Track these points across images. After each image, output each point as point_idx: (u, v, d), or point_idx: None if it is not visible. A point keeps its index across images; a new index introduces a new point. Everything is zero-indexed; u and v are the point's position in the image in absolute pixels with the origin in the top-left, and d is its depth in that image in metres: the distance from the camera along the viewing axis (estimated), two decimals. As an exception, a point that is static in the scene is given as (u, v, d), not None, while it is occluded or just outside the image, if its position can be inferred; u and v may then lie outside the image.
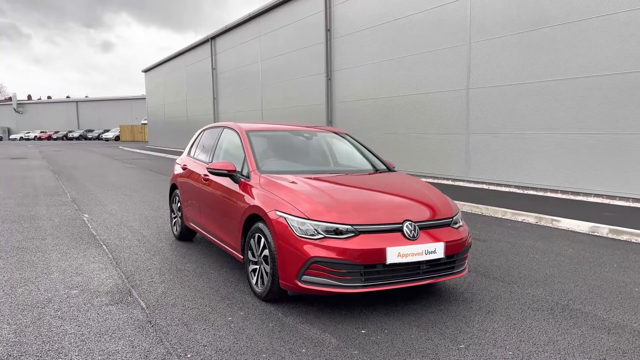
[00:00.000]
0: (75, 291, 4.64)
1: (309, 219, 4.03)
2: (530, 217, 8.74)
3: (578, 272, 5.50)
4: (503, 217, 9.09)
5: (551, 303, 4.52)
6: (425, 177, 14.32)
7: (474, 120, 12.65)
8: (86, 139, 69.34)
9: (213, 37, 28.28)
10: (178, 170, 6.84)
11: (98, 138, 67.14)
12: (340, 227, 3.98)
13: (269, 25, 22.22)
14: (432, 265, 4.25)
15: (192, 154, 6.71)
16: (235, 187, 4.98)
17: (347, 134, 6.27)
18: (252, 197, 4.61)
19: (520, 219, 8.86)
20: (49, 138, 72.95)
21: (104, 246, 6.45)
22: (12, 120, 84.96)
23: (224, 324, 3.91)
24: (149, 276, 5.15)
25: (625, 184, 9.70)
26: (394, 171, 5.66)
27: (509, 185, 11.90)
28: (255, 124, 5.95)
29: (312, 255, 3.92)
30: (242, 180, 4.93)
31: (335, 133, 6.19)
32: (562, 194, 10.77)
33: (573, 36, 10.33)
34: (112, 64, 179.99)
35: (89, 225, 7.85)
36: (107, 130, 68.53)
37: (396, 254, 3.98)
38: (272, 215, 4.23)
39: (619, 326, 3.99)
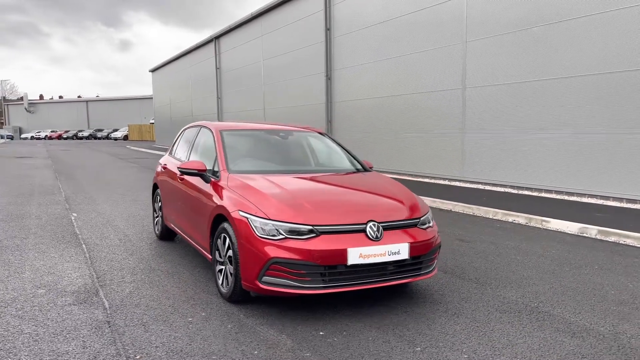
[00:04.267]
0: (42, 290, 4.65)
1: (270, 220, 3.99)
2: (520, 218, 8.64)
3: (556, 274, 5.42)
4: (493, 218, 8.99)
5: (520, 305, 4.45)
6: (422, 177, 14.23)
7: (469, 120, 12.54)
8: (95, 138, 69.89)
9: (217, 37, 28.35)
10: (159, 169, 6.84)
11: (107, 137, 67.65)
12: (301, 227, 3.94)
13: (270, 24, 22.22)
14: (398, 267, 4.20)
15: (172, 153, 6.71)
16: (206, 186, 4.97)
17: (325, 134, 6.23)
18: (220, 197, 4.59)
19: (510, 219, 8.76)
20: (60, 137, 73.61)
21: (83, 245, 6.46)
22: (24, 119, 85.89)
23: (183, 325, 3.89)
24: (120, 276, 5.15)
25: (619, 184, 9.56)
26: (370, 171, 5.61)
27: (505, 186, 11.78)
28: (231, 123, 5.93)
29: (271, 255, 3.89)
30: (212, 179, 4.92)
31: (313, 133, 6.15)
32: (556, 194, 10.64)
33: (568, 34, 10.19)
34: (128, 63, 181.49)
35: (74, 224, 7.88)
36: (116, 130, 69.02)
37: (358, 254, 3.93)
38: (235, 215, 4.20)
39: (584, 330, 3.91)
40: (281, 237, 3.93)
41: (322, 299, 4.45)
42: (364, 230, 4.06)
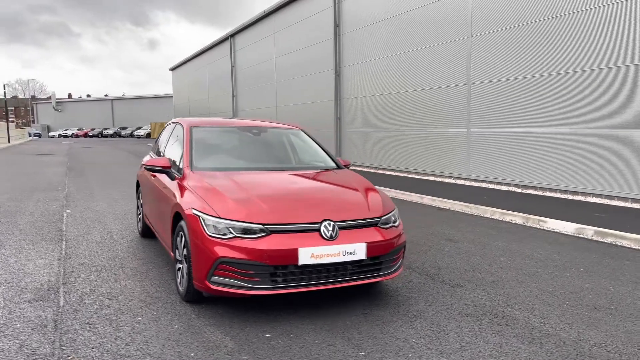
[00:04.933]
0: (3, 287, 4.65)
1: (220, 218, 3.90)
2: (517, 218, 8.38)
3: (537, 277, 5.20)
4: (491, 217, 8.75)
5: (487, 308, 4.27)
6: (428, 175, 13.98)
7: (474, 117, 12.25)
8: (120, 135, 71.05)
9: (232, 35, 28.45)
10: (141, 166, 6.82)
11: (131, 135, 68.67)
12: (251, 226, 3.84)
13: (282, 22, 22.16)
14: (356, 267, 4.06)
15: (154, 150, 6.68)
16: (170, 184, 4.90)
17: (302, 131, 6.10)
18: (180, 194, 4.52)
19: (508, 219, 8.51)
20: (85, 135, 75.04)
21: (64, 242, 6.48)
22: (52, 118, 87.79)
23: (129, 324, 3.82)
24: (87, 273, 5.12)
25: (626, 183, 9.19)
26: (343, 169, 5.46)
27: (509, 184, 11.47)
28: (205, 119, 5.86)
29: (219, 255, 3.79)
30: (176, 177, 4.85)
31: (290, 130, 6.03)
32: (561, 194, 10.30)
33: (579, 27, 9.84)
34: (155, 62, 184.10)
35: (64, 220, 7.93)
36: (139, 128, 70.00)
37: (309, 254, 3.81)
38: (188, 213, 4.12)
39: (545, 335, 3.71)
40: (231, 236, 3.83)
41: (281, 300, 4.34)
42: (318, 230, 3.94)
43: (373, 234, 4.14)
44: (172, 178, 4.92)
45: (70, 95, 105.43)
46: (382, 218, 4.29)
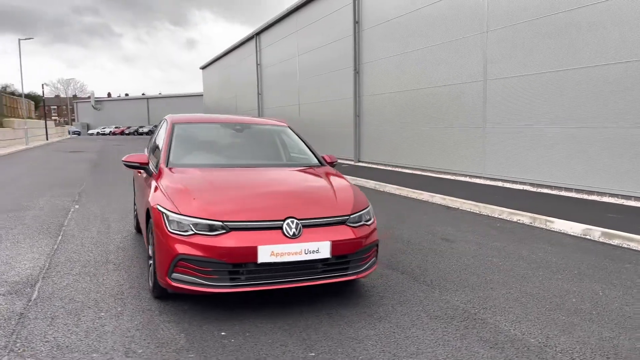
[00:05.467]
0: (-16, 280, 4.76)
1: (181, 215, 3.88)
2: (525, 217, 8.11)
3: (524, 279, 5.00)
4: (498, 217, 8.49)
5: (459, 311, 4.11)
6: (444, 173, 13.71)
7: (490, 114, 11.93)
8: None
9: (258, 33, 28.60)
10: (137, 163, 6.88)
11: (165, 133, 69.90)
12: (211, 223, 3.80)
13: (304, 20, 22.14)
14: (322, 266, 3.98)
15: (147, 147, 6.74)
16: (148, 180, 4.93)
17: (289, 127, 6.04)
18: (153, 190, 4.52)
19: (515, 219, 8.24)
20: (122, 133, 76.97)
21: (60, 237, 6.61)
22: (91, 116, 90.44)
23: (90, 320, 3.85)
24: (69, 268, 5.20)
25: (643, 182, 8.77)
26: (324, 166, 5.37)
27: (523, 183, 11.12)
28: (190, 116, 5.87)
29: (179, 252, 3.77)
30: (153, 173, 4.87)
31: (277, 127, 5.97)
32: (576, 193, 9.92)
33: (597, 20, 9.45)
34: (192, 61, 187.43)
35: (69, 216, 8.10)
36: (173, 126, 71.16)
37: (269, 252, 3.75)
38: (154, 209, 4.12)
39: (510, 340, 3.55)
40: (191, 233, 3.80)
41: (250, 298, 4.29)
42: (280, 227, 3.87)
43: (340, 232, 4.04)
44: (150, 174, 4.94)
45: (109, 94, 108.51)
46: (352, 216, 4.19)
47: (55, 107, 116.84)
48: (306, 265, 3.91)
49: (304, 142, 5.77)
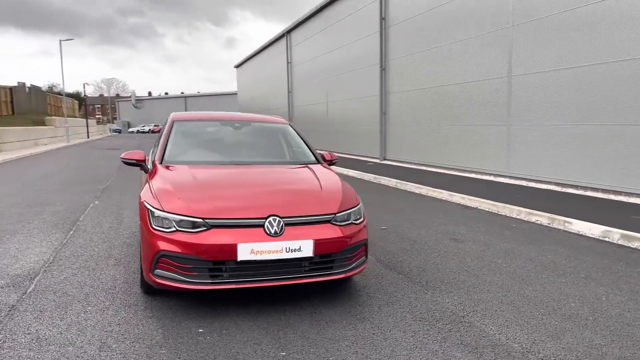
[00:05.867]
0: (-13, 273, 4.93)
1: (164, 211, 3.90)
2: (543, 218, 7.84)
3: (526, 281, 4.82)
4: (515, 217, 8.24)
5: (447, 313, 4.00)
6: (469, 172, 13.41)
7: (515, 111, 11.59)
8: (191, 132, 73.79)
9: (288, 31, 28.69)
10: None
11: (201, 131, 71.10)
12: (192, 220, 3.81)
13: (332, 17, 22.07)
14: (305, 265, 3.93)
15: (155, 144, 6.83)
16: (144, 176, 4.99)
17: (290, 125, 6.00)
18: (145, 187, 4.57)
19: (533, 219, 7.97)
20: (160, 131, 78.65)
21: (71, 231, 6.79)
22: (132, 114, 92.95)
23: (75, 313, 3.92)
24: (71, 262, 5.32)
25: (672, 182, 8.33)
26: (321, 164, 5.30)
27: (549, 182, 10.75)
28: (192, 114, 5.92)
29: (160, 248, 3.79)
30: (149, 169, 4.93)
31: (277, 124, 5.95)
32: (602, 193, 9.52)
33: (623, 12, 9.04)
34: (232, 60, 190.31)
35: (85, 211, 8.32)
36: (209, 124, 72.34)
37: (249, 250, 3.73)
38: (141, 205, 4.16)
39: (492, 345, 3.42)
40: (173, 229, 3.82)
41: (238, 295, 4.28)
42: (262, 225, 3.84)
43: (324, 231, 3.98)
44: (146, 171, 5.00)
45: (150, 93, 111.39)
46: (338, 215, 4.12)
47: (99, 105, 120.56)
48: (288, 263, 3.87)
49: (303, 140, 5.73)
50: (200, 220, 3.80)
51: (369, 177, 14.04)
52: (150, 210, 3.97)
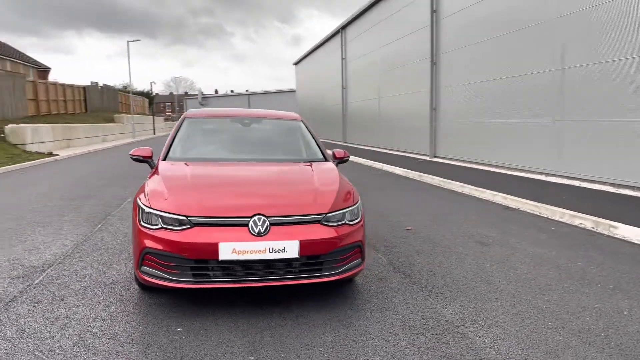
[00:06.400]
0: (5, 263, 5.14)
1: (151, 208, 3.89)
2: (588, 221, 7.27)
3: (543, 290, 4.45)
4: (558, 220, 7.70)
5: (442, 322, 3.74)
6: (518, 170, 12.74)
7: (568, 106, 10.86)
8: (254, 128, 75.23)
9: (343, 27, 28.50)
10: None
11: (262, 128, 72.33)
12: (176, 218, 3.77)
13: (384, 11, 21.69)
14: (291, 266, 3.80)
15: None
16: (150, 173, 5.03)
17: (301, 121, 5.86)
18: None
19: (577, 222, 7.42)
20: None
21: (99, 225, 7.00)
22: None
23: (67, 307, 3.98)
24: (86, 256, 5.46)
25: None
26: (326, 162, 5.12)
27: (604, 183, 9.99)
28: (204, 110, 5.91)
29: (145, 246, 3.78)
30: (153, 166, 4.97)
31: (289, 121, 5.83)
32: (660, 195, 8.71)
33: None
34: (296, 57, 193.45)
35: (120, 206, 8.58)
36: (270, 121, 73.41)
37: (231, 250, 3.64)
38: (135, 201, 4.18)
39: (478, 359, 3.15)
40: (158, 227, 3.80)
41: (231, 294, 4.21)
42: (247, 225, 3.75)
43: (312, 232, 3.83)
44: (152, 167, 5.04)
45: (216, 91, 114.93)
46: (328, 215, 3.95)
47: (169, 103, 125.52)
48: (273, 264, 3.75)
49: (313, 137, 5.57)
50: (184, 218, 3.75)
51: (414, 174, 13.65)
52: (140, 207, 3.97)
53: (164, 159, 4.87)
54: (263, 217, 3.77)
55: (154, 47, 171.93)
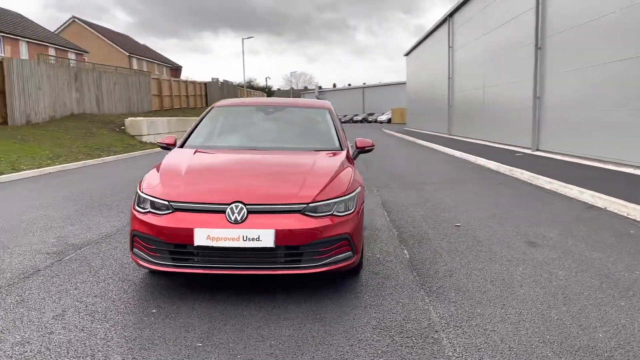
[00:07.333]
0: (53, 240, 5.63)
1: (142, 193, 4.02)
2: (679, 224, 6.24)
3: (566, 300, 3.89)
4: (644, 221, 6.70)
5: (421, 325, 3.41)
6: (628, 166, 11.29)
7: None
8: (367, 121, 75.37)
9: (450, 14, 27.34)
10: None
11: (375, 121, 72.18)
12: (159, 202, 3.85)
13: (490, -5, 20.40)
14: (272, 256, 3.71)
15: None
16: None
17: (327, 110, 5.66)
18: (154, 170, 4.77)
19: (665, 226, 6.40)
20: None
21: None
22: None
23: (74, 283, 4.22)
24: (119, 240, 5.70)
25: None
26: (339, 151, 4.90)
27: None
28: (234, 100, 5.99)
29: (133, 228, 3.93)
30: (172, 153, 5.14)
31: (314, 109, 5.69)
32: None
33: None
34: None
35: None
36: (383, 113, 73.00)
37: (205, 236, 3.64)
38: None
39: (432, 372, 2.81)
40: (146, 210, 3.91)
41: (227, 280, 4.21)
42: (224, 212, 3.72)
43: (291, 221, 3.69)
44: (170, 154, 5.22)
45: (334, 85, 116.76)
46: (311, 204, 3.78)
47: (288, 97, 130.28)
48: (250, 253, 3.68)
49: (335, 126, 5.37)
50: (166, 202, 3.82)
51: (505, 169, 12.71)
52: (137, 191, 4.12)
53: (181, 146, 5.00)
54: (241, 205, 3.71)
55: (281, 44, 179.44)
